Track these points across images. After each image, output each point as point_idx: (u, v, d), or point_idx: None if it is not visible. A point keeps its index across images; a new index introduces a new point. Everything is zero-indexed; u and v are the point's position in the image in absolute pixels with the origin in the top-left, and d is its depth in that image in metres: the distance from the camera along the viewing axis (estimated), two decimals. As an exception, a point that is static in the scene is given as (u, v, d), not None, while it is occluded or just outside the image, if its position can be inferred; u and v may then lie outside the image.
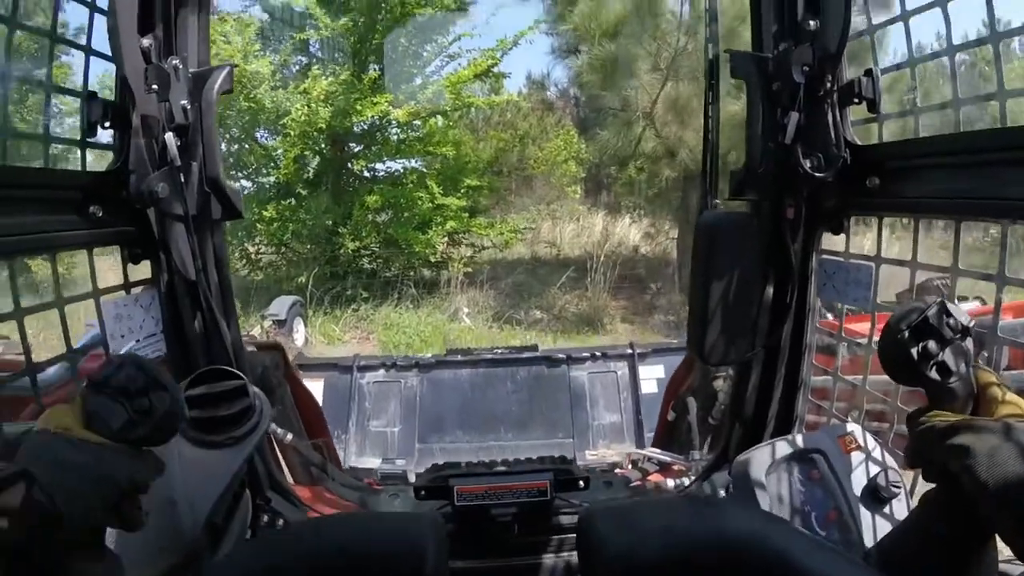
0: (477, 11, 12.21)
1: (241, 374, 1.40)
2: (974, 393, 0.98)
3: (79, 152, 1.53)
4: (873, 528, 1.43)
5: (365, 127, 11.31)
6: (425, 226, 11.36)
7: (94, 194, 1.49)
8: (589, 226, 14.71)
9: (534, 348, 5.15)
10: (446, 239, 11.94)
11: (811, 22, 1.60)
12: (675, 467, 2.44)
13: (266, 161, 11.51)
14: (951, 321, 0.98)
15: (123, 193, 1.54)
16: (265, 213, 11.04)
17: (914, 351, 0.98)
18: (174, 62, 1.55)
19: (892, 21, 1.60)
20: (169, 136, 1.52)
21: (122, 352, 1.53)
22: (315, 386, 4.53)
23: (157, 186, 1.53)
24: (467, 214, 11.74)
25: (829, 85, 1.62)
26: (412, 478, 4.16)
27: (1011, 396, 0.97)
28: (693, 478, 2.18)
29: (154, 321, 1.66)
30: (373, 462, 4.42)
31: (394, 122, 11.13)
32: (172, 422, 0.90)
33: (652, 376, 4.57)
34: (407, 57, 11.47)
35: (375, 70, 11.10)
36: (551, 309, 11.05)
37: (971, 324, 1.01)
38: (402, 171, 11.88)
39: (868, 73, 1.62)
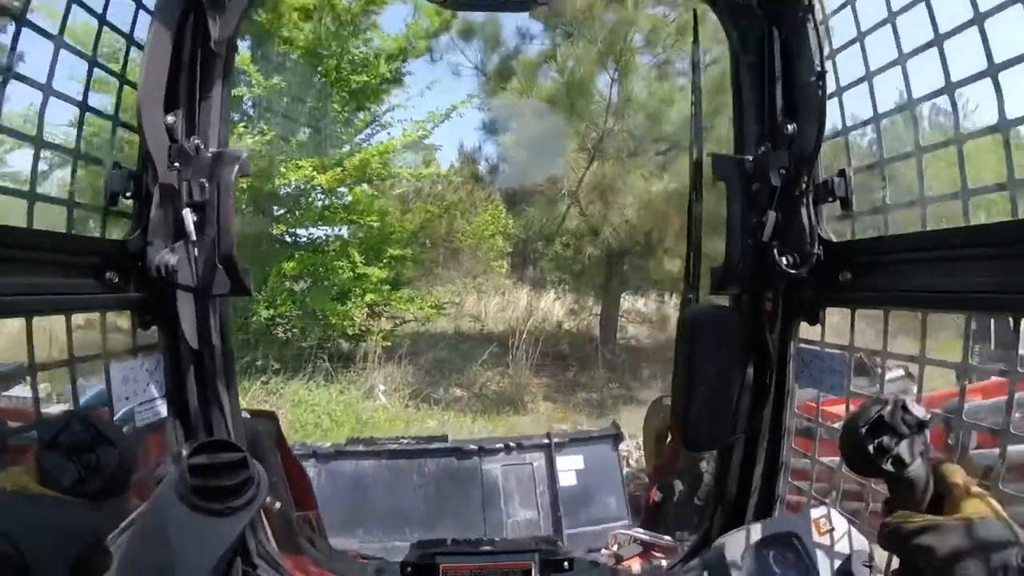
0: (413, 82, 12.16)
1: (242, 447, 1.43)
2: (928, 483, 1.08)
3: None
4: None
5: (289, 191, 11.22)
6: (344, 296, 11.13)
7: (111, 261, 1.55)
8: (514, 300, 14.85)
9: (444, 439, 4.88)
10: (366, 310, 11.70)
11: (788, 126, 1.73)
12: (659, 548, 2.49)
13: None
14: (907, 417, 1.08)
15: (140, 262, 1.61)
16: None
17: (871, 447, 1.07)
18: (196, 141, 1.65)
19: (865, 123, 1.75)
20: (187, 212, 1.60)
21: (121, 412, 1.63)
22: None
23: (172, 258, 1.60)
24: (388, 286, 11.54)
25: (804, 186, 1.73)
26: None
27: (975, 490, 1.07)
28: (675, 561, 2.22)
29: (157, 385, 1.71)
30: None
31: (319, 187, 10.98)
32: (122, 477, 0.95)
33: (571, 467, 4.40)
34: (338, 123, 11.36)
35: (303, 133, 11.15)
36: (471, 387, 10.98)
37: (928, 418, 1.11)
38: (324, 238, 11.69)
39: (841, 173, 1.75)
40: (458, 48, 12.08)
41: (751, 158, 1.84)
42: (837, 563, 1.54)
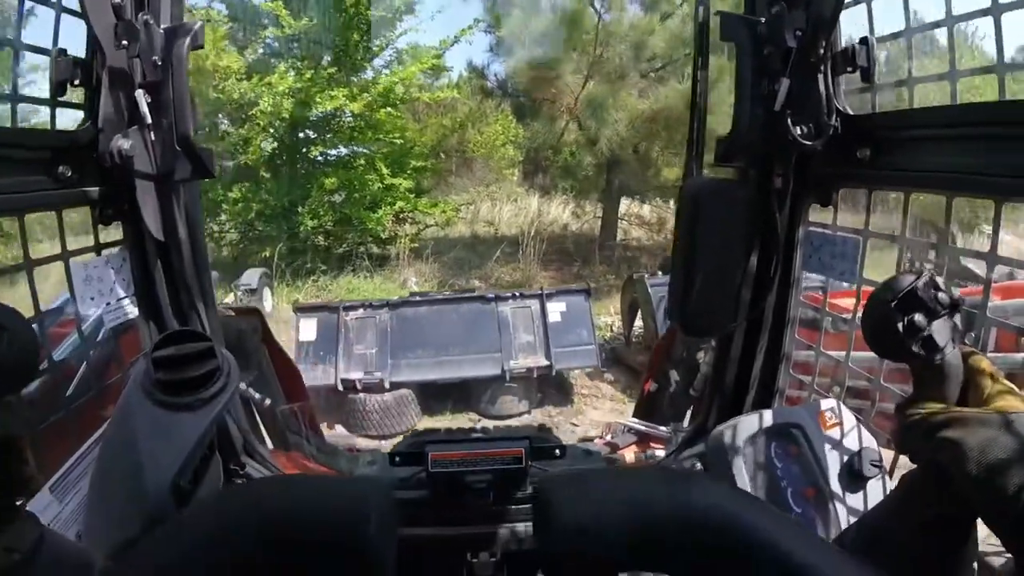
0: (422, 9, 13.34)
1: (208, 335, 1.34)
2: (960, 373, 0.93)
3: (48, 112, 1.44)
4: (849, 507, 1.41)
5: (320, 116, 12.26)
6: (375, 205, 12.35)
7: (63, 154, 1.42)
8: (525, 207, 15.67)
9: (472, 291, 7.33)
10: (392, 217, 12.88)
11: None
12: (654, 438, 2.42)
13: (231, 148, 12.14)
14: (940, 295, 0.92)
15: (93, 153, 1.47)
16: (230, 194, 11.86)
17: (900, 324, 0.92)
18: (145, 18, 1.49)
19: None
20: (139, 93, 1.46)
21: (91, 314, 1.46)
22: (310, 323, 6.60)
23: (127, 145, 1.46)
24: (413, 194, 12.76)
25: (822, 52, 1.53)
26: (387, 384, 6.27)
27: (1003, 385, 0.92)
28: (672, 449, 2.11)
29: (125, 283, 1.59)
30: (357, 374, 6.28)
31: (348, 112, 12.19)
32: (20, 368, 0.82)
33: (556, 310, 6.66)
34: (358, 52, 12.40)
35: (327, 63, 12.12)
36: (488, 279, 12.15)
37: (961, 300, 0.93)
38: (352, 155, 12.87)
39: (863, 41, 1.53)
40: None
41: (763, 20, 1.61)
42: (843, 459, 1.44)
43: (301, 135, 12.69)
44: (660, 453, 2.23)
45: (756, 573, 0.83)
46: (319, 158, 12.84)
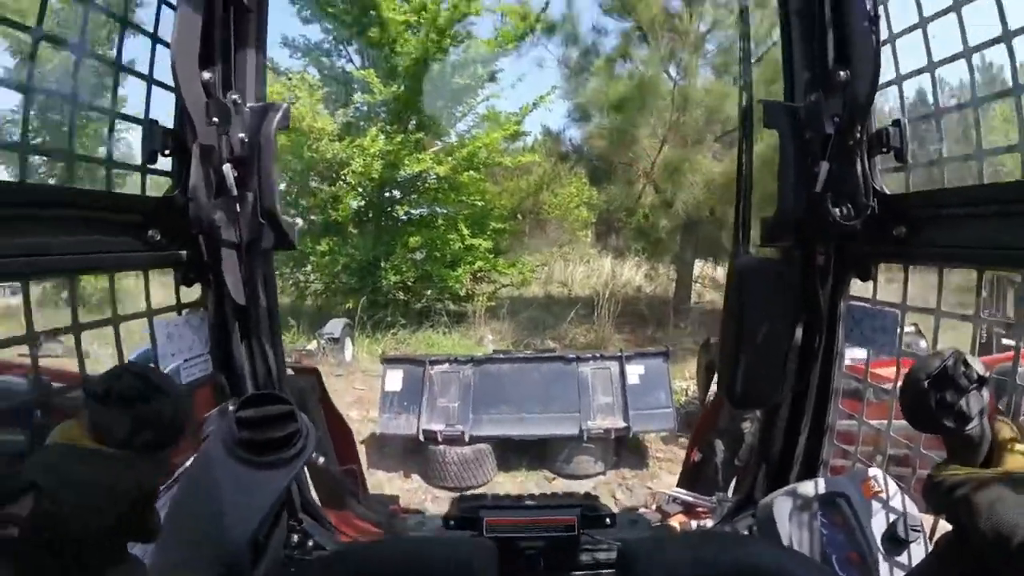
0: (502, 77, 14.05)
1: (290, 399, 1.41)
2: (987, 440, 1.00)
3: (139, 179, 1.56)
4: (891, 570, 1.46)
5: (407, 177, 12.82)
6: (455, 263, 12.76)
7: (153, 218, 1.51)
8: (598, 268, 15.80)
9: (552, 351, 7.55)
10: (470, 276, 13.25)
11: (841, 72, 1.59)
12: (699, 508, 2.43)
13: (322, 204, 12.86)
14: (968, 371, 0.99)
15: (180, 219, 1.55)
16: (319, 247, 12.41)
17: (933, 401, 1.00)
18: (233, 97, 1.60)
19: (919, 72, 1.57)
20: (227, 167, 1.56)
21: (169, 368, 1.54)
22: (396, 375, 6.91)
23: (214, 214, 1.55)
24: (492, 254, 13.18)
25: (858, 135, 1.62)
26: (467, 438, 6.45)
27: (1021, 446, 0.99)
28: (717, 520, 2.14)
29: (202, 342, 1.67)
30: (439, 426, 6.30)
31: (433, 175, 12.71)
32: (178, 426, 0.90)
33: (635, 372, 6.61)
34: (442, 118, 13.12)
35: (413, 127, 12.75)
36: (563, 339, 12.12)
37: (987, 374, 1.01)
38: (435, 215, 13.40)
39: (896, 123, 1.61)
40: (542, 44, 13.47)
41: (803, 105, 1.70)
42: (886, 525, 1.48)
43: (387, 194, 13.36)
44: (707, 523, 2.25)
45: None
46: (403, 217, 13.56)
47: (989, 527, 0.88)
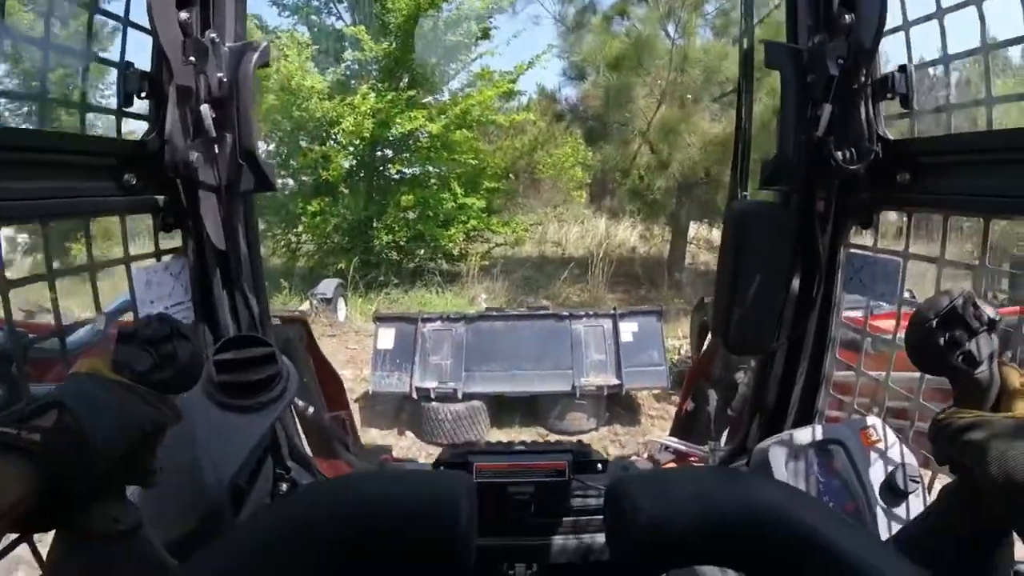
0: (496, 34, 13.78)
1: (270, 341, 1.38)
2: (995, 386, 0.96)
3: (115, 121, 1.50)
4: (889, 521, 1.44)
5: (399, 136, 12.67)
6: (448, 223, 12.72)
7: (129, 162, 1.45)
8: (592, 228, 15.83)
9: (546, 307, 7.57)
10: (464, 236, 13.24)
11: (846, 16, 1.55)
12: (692, 457, 2.43)
13: (312, 163, 12.72)
14: (978, 312, 0.96)
15: (157, 162, 1.51)
16: (310, 207, 12.34)
17: (941, 340, 0.96)
18: (211, 35, 1.54)
19: (928, 18, 1.52)
20: (205, 108, 1.51)
21: None
22: (388, 333, 6.93)
23: (191, 156, 1.50)
24: (485, 213, 13.11)
25: (863, 79, 1.58)
26: (460, 395, 6.53)
27: None
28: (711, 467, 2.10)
29: (183, 289, 1.63)
30: (432, 384, 6.35)
31: (425, 133, 12.59)
32: (193, 370, 0.93)
33: (628, 330, 6.63)
34: (435, 75, 12.97)
35: (405, 85, 12.60)
36: (556, 299, 12.13)
37: (998, 318, 0.97)
38: (428, 174, 13.29)
39: (902, 69, 1.57)
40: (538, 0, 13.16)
41: (807, 47, 1.67)
42: (883, 475, 1.46)
43: (379, 153, 13.24)
44: (700, 471, 2.14)
45: (814, 568, 0.86)
46: (396, 176, 13.43)
47: (1000, 471, 0.85)
